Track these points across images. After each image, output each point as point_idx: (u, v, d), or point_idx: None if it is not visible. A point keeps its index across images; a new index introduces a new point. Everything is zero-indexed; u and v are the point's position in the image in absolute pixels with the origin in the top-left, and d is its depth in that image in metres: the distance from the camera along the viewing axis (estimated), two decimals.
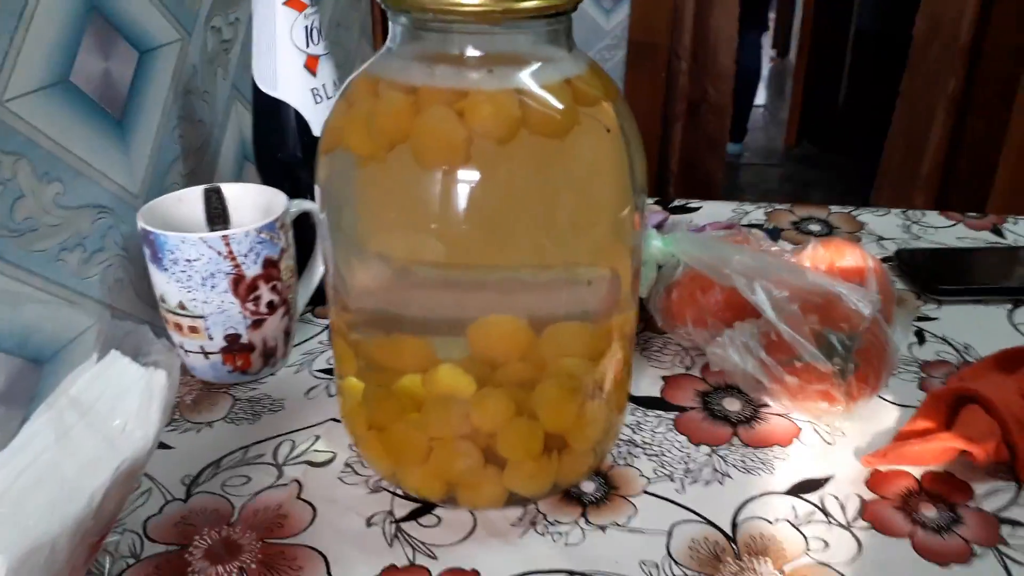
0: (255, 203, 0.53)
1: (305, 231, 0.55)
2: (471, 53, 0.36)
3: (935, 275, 0.64)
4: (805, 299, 0.48)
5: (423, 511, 0.42)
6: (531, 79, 0.36)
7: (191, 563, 0.39)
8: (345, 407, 0.45)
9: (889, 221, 0.76)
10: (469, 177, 0.35)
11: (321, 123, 0.41)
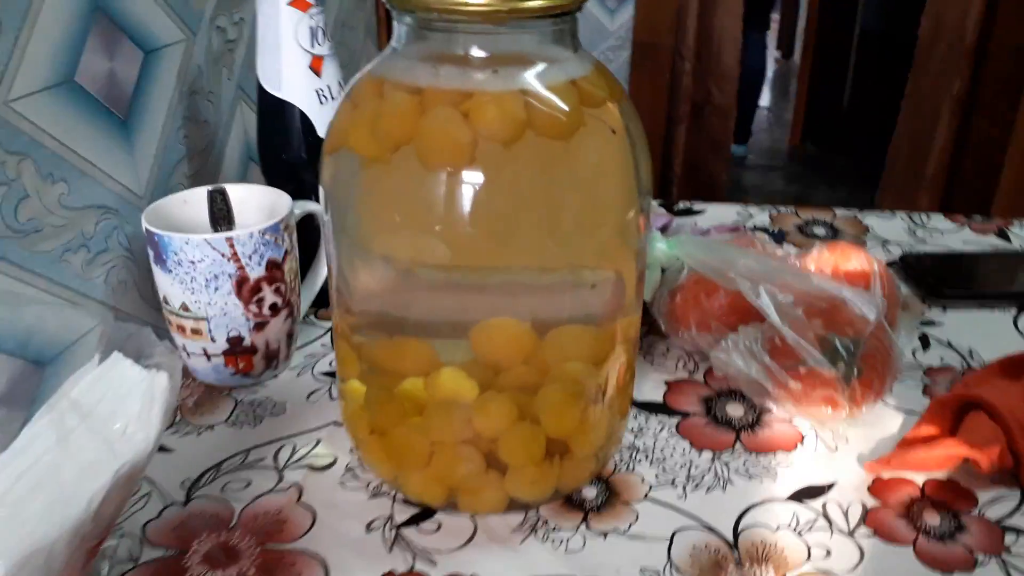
0: (259, 204, 0.53)
1: (309, 233, 0.55)
2: (476, 53, 0.36)
3: (940, 279, 0.64)
4: (810, 303, 0.47)
5: (423, 516, 0.42)
6: (536, 80, 0.36)
7: (190, 568, 0.39)
8: (347, 411, 0.44)
9: (894, 224, 0.76)
10: (474, 179, 0.35)
11: (326, 124, 0.41)
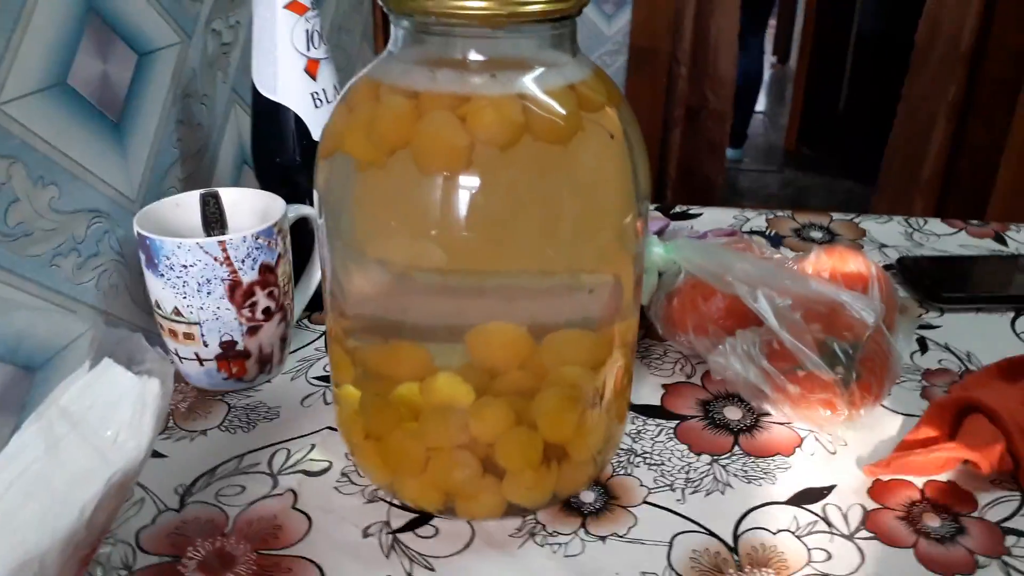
0: (252, 208, 0.53)
1: (302, 236, 0.54)
2: (474, 57, 0.35)
3: (937, 283, 0.63)
4: (808, 307, 0.47)
5: (420, 522, 0.42)
6: (534, 84, 0.36)
7: (184, 575, 0.39)
8: (342, 415, 0.44)
9: (891, 228, 0.76)
10: (471, 183, 0.35)
11: (321, 127, 0.40)
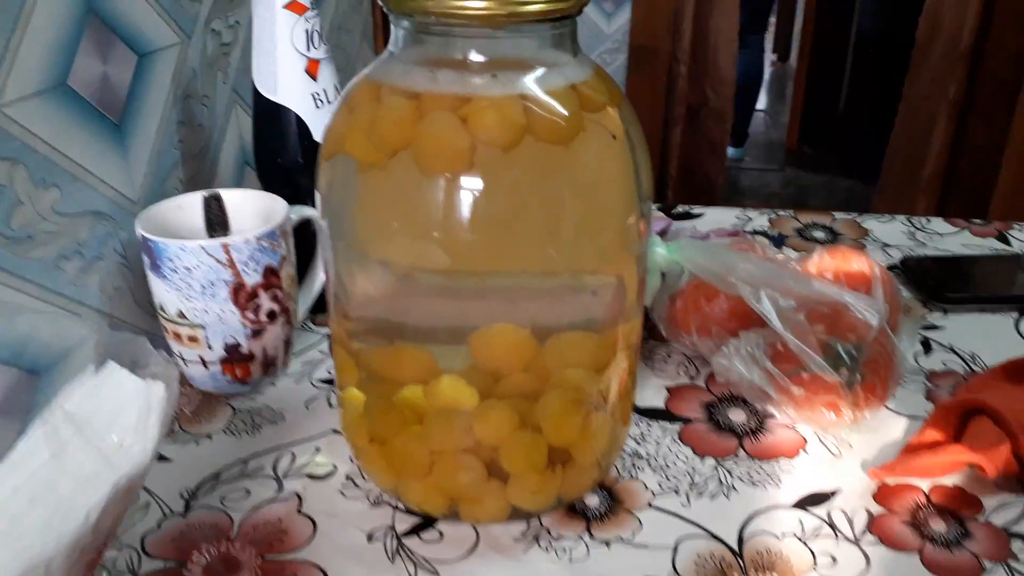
0: (255, 210, 0.53)
1: (305, 238, 0.54)
2: (474, 58, 0.35)
3: (941, 283, 0.63)
4: (812, 308, 0.47)
5: (425, 526, 0.42)
6: (535, 84, 0.35)
7: None
8: (346, 419, 0.44)
9: (894, 228, 0.76)
10: (472, 184, 0.34)
11: (322, 128, 0.40)
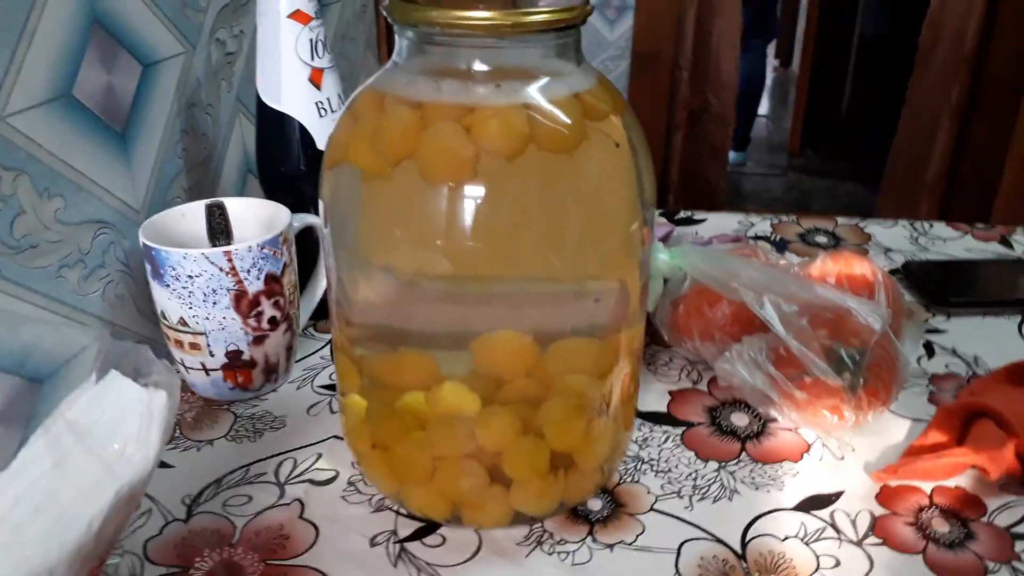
0: (257, 218, 0.53)
1: (307, 244, 0.54)
2: (478, 67, 0.35)
3: (944, 287, 0.63)
4: (814, 313, 0.47)
5: (428, 531, 0.42)
6: (539, 94, 0.36)
7: None
8: (348, 425, 0.44)
9: (896, 232, 0.76)
10: (476, 193, 0.35)
11: (325, 136, 0.40)
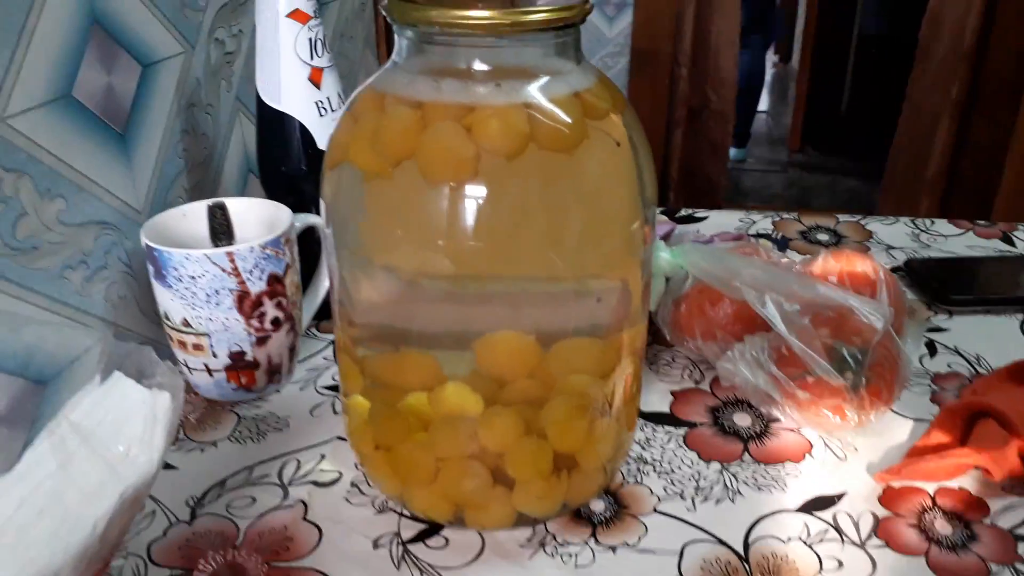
0: (259, 218, 0.53)
1: (309, 244, 0.54)
2: (478, 67, 0.35)
3: (945, 285, 0.63)
4: (816, 312, 0.47)
5: (431, 532, 0.42)
6: (539, 93, 0.36)
7: None
8: (351, 426, 0.44)
9: (898, 230, 0.75)
10: (477, 193, 0.34)
11: (325, 136, 0.40)
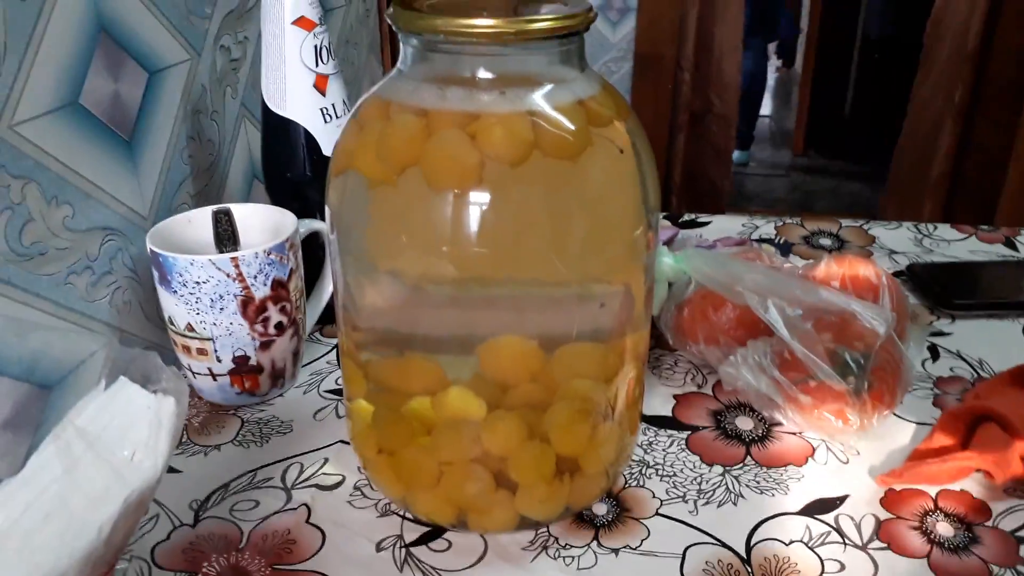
0: (264, 224, 0.53)
1: (313, 249, 0.55)
2: (483, 75, 0.36)
3: (948, 289, 0.63)
4: (819, 317, 0.47)
5: (433, 535, 0.42)
6: (543, 100, 0.36)
7: None
8: (354, 430, 0.44)
9: (900, 234, 0.76)
10: (481, 200, 0.35)
11: (330, 142, 0.41)
